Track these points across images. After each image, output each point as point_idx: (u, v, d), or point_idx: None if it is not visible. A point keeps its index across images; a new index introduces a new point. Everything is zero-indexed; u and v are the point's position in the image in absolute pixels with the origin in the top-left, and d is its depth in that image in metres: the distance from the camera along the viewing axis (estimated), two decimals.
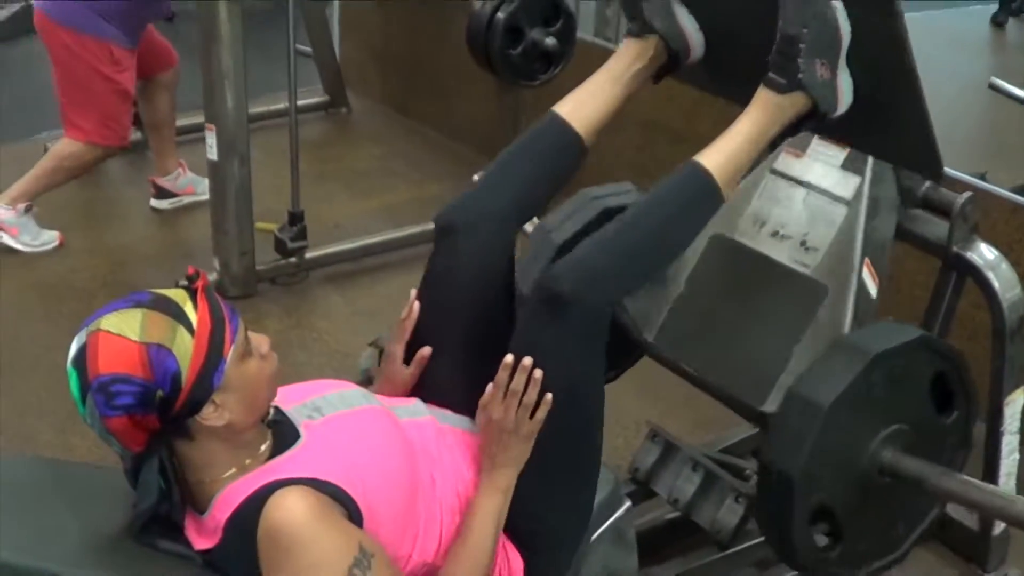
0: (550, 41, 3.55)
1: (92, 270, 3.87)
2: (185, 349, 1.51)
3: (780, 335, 2.17)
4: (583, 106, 2.11)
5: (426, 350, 1.98)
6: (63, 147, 4.03)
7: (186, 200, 4.40)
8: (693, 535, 2.45)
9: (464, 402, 1.94)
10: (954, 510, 2.68)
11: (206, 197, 3.96)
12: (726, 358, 2.23)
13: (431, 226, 4.00)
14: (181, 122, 4.47)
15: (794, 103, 1.93)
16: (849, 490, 2.04)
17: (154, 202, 4.40)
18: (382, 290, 3.84)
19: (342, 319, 3.66)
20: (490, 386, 1.80)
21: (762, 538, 2.40)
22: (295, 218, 3.79)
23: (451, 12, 4.57)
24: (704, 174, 1.92)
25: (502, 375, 1.79)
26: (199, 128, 3.86)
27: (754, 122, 1.95)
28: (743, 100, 2.00)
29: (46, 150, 4.38)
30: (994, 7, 7.82)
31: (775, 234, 2.25)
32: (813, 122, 1.98)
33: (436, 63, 5.08)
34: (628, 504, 2.11)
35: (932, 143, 1.97)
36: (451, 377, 1.98)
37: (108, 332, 1.50)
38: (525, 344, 1.83)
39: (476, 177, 2.14)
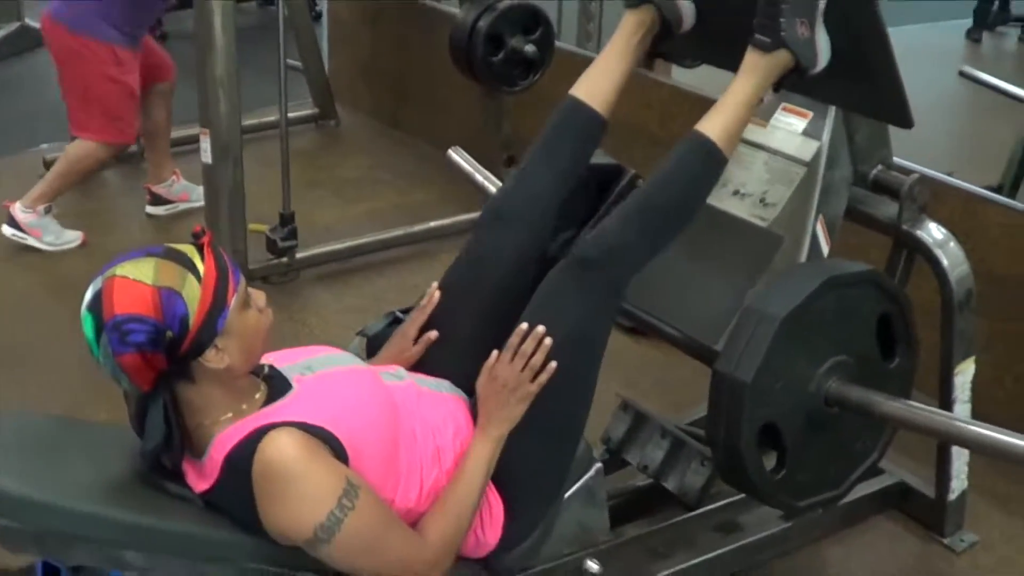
0: (530, 48, 3.72)
1: (89, 271, 3.93)
2: (193, 294, 1.66)
3: (736, 281, 2.30)
4: (597, 85, 2.30)
5: (432, 334, 2.14)
6: (75, 149, 4.17)
7: (181, 207, 4.48)
8: (662, 502, 2.55)
9: (454, 380, 2.10)
10: (913, 480, 2.82)
11: (200, 204, 4.07)
12: (684, 303, 2.37)
13: (415, 228, 4.26)
14: (175, 134, 4.58)
15: (778, 61, 2.13)
16: (796, 414, 2.15)
17: (149, 209, 4.48)
18: (369, 288, 3.97)
19: (331, 314, 3.78)
20: (495, 352, 1.97)
21: (726, 500, 2.55)
22: (286, 219, 3.90)
23: (435, 28, 4.68)
24: (707, 141, 2.11)
25: (514, 339, 1.96)
26: (193, 140, 4.00)
27: (745, 85, 2.14)
28: (730, 66, 2.18)
29: (45, 161, 4.53)
30: (970, 22, 8.00)
31: (736, 193, 2.40)
32: (794, 77, 2.16)
33: (422, 77, 5.20)
34: (599, 465, 2.24)
35: (902, 96, 2.15)
36: (449, 360, 2.13)
37: (124, 277, 1.65)
38: (546, 297, 2.02)
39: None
